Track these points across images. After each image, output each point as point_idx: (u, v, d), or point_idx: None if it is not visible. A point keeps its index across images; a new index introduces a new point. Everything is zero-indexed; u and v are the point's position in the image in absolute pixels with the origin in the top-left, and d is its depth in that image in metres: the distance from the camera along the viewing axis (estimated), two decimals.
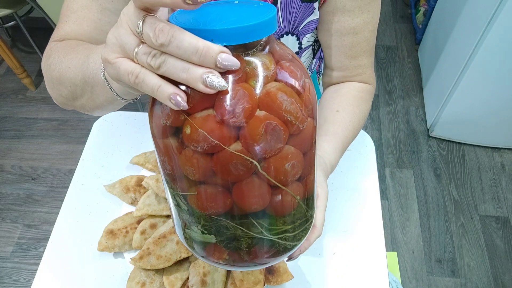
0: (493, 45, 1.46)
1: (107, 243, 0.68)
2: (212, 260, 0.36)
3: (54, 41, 0.57)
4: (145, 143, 0.84)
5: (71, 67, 0.48)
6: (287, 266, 0.66)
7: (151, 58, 0.28)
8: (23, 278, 1.58)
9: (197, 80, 0.27)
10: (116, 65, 0.31)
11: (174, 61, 0.28)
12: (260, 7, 0.30)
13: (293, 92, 0.30)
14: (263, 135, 0.28)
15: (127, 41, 0.29)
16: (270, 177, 0.31)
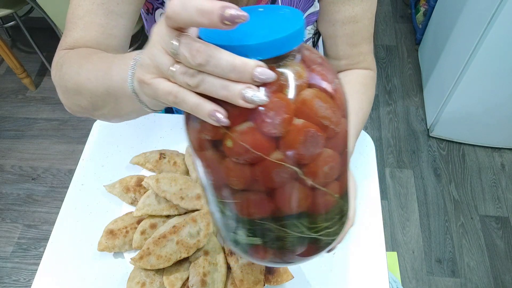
0: (493, 45, 1.46)
1: (107, 243, 0.68)
2: (258, 259, 0.38)
3: (63, 50, 0.56)
4: (145, 143, 0.84)
5: (91, 78, 0.47)
6: (287, 266, 0.66)
7: (189, 77, 0.28)
8: (23, 278, 1.59)
9: (237, 96, 0.27)
10: (153, 86, 0.31)
11: (212, 80, 0.28)
12: (286, 14, 0.31)
13: (327, 97, 0.30)
14: (303, 142, 0.29)
15: (162, 62, 0.29)
16: (310, 181, 0.32)
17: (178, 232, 0.66)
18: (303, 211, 0.33)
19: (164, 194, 0.70)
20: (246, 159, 0.29)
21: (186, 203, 0.69)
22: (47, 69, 2.28)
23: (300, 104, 0.29)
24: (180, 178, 0.72)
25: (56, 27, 1.67)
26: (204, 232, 0.66)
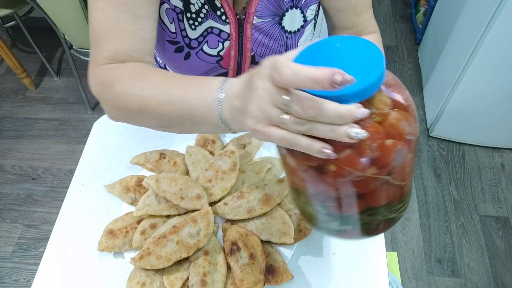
0: (493, 45, 1.46)
1: (107, 243, 0.68)
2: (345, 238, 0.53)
3: (103, 65, 0.56)
4: (145, 143, 0.84)
5: (162, 103, 0.48)
6: (287, 266, 0.66)
7: (299, 126, 0.34)
8: (23, 278, 1.59)
9: (343, 136, 0.32)
10: (266, 134, 0.36)
11: (321, 126, 0.33)
12: (365, 48, 0.35)
13: (407, 115, 0.36)
14: (393, 158, 0.35)
15: (273, 114, 0.35)
16: (397, 182, 0.39)
17: (178, 232, 0.66)
18: (388, 202, 0.41)
19: (164, 194, 0.70)
20: (347, 179, 0.35)
21: (186, 203, 0.69)
22: (47, 69, 2.28)
23: (388, 128, 0.35)
24: (180, 178, 0.72)
25: (56, 27, 1.67)
26: (204, 232, 0.66)
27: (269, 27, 0.65)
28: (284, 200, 0.73)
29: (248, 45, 0.66)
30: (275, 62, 0.33)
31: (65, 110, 2.13)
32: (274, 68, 0.33)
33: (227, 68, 0.68)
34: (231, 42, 0.65)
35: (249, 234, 0.68)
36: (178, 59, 0.67)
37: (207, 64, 0.67)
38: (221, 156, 0.76)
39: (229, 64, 0.68)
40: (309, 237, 0.70)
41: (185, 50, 0.65)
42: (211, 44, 0.65)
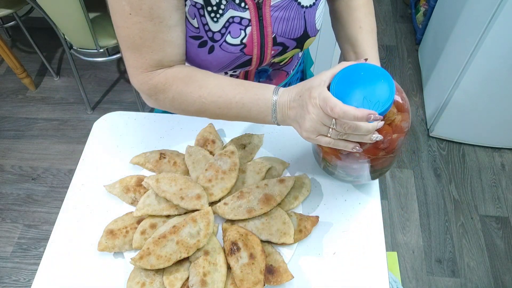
0: (493, 45, 1.46)
1: (107, 243, 0.68)
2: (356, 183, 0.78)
3: (151, 72, 0.65)
4: (145, 143, 0.84)
5: (221, 107, 0.63)
6: (287, 266, 0.66)
7: (341, 136, 0.55)
8: (23, 278, 1.59)
9: (367, 141, 0.54)
10: (317, 140, 0.57)
11: (354, 136, 0.54)
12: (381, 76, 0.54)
13: (406, 115, 0.60)
14: (397, 146, 0.61)
15: (322, 130, 0.55)
16: (394, 155, 0.64)
17: (178, 232, 0.66)
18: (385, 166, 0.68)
19: (164, 194, 0.70)
20: (365, 158, 0.63)
21: (186, 203, 0.69)
22: (47, 69, 2.28)
23: (395, 128, 0.59)
24: (180, 178, 0.72)
25: (56, 27, 1.67)
26: (204, 232, 0.66)
27: (286, 5, 0.67)
28: (284, 200, 0.73)
29: (269, 28, 0.68)
30: (327, 99, 0.51)
31: (65, 110, 2.13)
32: (326, 105, 0.51)
33: (250, 54, 0.70)
34: (252, 28, 0.67)
35: (249, 234, 0.68)
36: (201, 54, 0.68)
37: (231, 54, 0.68)
38: (221, 156, 0.76)
39: (253, 50, 0.69)
40: (309, 237, 0.70)
41: (209, 44, 0.67)
42: (234, 33, 0.67)
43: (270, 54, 0.72)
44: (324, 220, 0.73)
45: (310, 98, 0.53)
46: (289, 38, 0.71)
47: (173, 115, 0.88)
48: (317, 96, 0.52)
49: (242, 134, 0.83)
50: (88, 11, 1.55)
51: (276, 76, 0.83)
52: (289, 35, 0.70)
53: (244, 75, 0.78)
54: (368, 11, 0.78)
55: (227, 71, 0.73)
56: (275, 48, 0.71)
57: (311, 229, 0.70)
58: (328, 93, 0.52)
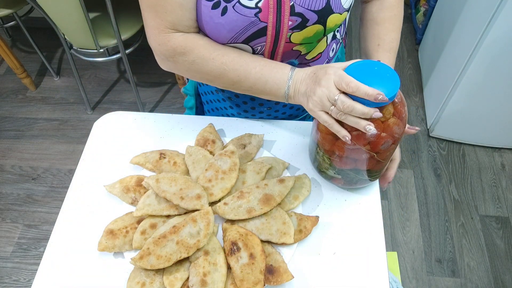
0: (493, 45, 1.46)
1: (107, 243, 0.68)
2: (334, 183, 0.77)
3: (169, 33, 0.68)
4: (145, 143, 0.84)
5: (240, 76, 0.68)
6: (287, 266, 0.66)
7: (339, 115, 0.59)
8: (23, 278, 1.59)
9: (362, 128, 0.58)
10: (318, 115, 0.62)
11: (351, 118, 0.58)
12: (390, 74, 0.59)
13: (400, 122, 0.62)
14: (382, 145, 0.62)
15: (326, 104, 0.60)
16: (379, 159, 0.66)
17: (178, 232, 0.66)
18: (368, 169, 0.69)
19: (164, 194, 0.70)
20: (355, 147, 0.63)
21: (186, 203, 0.69)
22: (47, 69, 2.28)
23: (386, 127, 0.61)
24: (180, 178, 0.72)
25: (56, 27, 1.67)
26: (204, 232, 0.66)
27: None
28: (284, 200, 0.73)
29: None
30: (343, 76, 0.57)
31: (65, 110, 2.13)
32: (342, 80, 0.57)
33: (266, 21, 0.66)
34: None
35: (249, 234, 0.68)
36: (215, 16, 0.65)
37: (245, 18, 0.65)
38: (221, 156, 0.76)
39: (268, 16, 0.65)
40: (309, 237, 0.71)
41: (222, 5, 0.64)
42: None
43: (288, 25, 0.66)
44: (324, 220, 0.73)
45: (326, 74, 0.59)
46: (309, 9, 0.65)
47: (173, 115, 0.88)
48: (333, 73, 0.58)
49: (242, 134, 0.83)
50: (88, 11, 1.55)
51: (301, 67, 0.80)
52: (309, 5, 0.65)
53: None
54: (392, 27, 0.77)
55: (242, 42, 0.69)
56: (293, 19, 0.66)
57: (311, 229, 0.70)
58: (344, 72, 0.58)
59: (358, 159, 0.67)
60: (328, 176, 0.75)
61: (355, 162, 0.68)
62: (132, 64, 2.26)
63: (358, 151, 0.64)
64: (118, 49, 1.78)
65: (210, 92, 0.90)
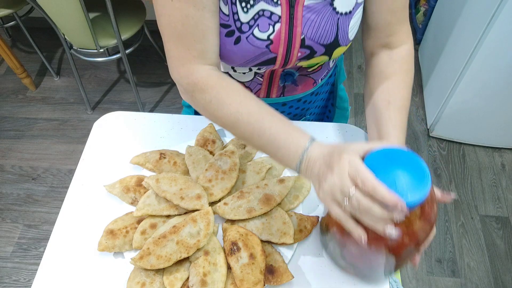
0: (493, 45, 1.46)
1: (107, 243, 0.68)
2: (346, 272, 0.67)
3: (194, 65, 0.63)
4: (145, 143, 0.84)
5: (253, 132, 0.60)
6: (287, 266, 0.66)
7: (354, 211, 0.48)
8: (23, 278, 1.59)
9: (381, 231, 0.47)
10: (329, 206, 0.51)
11: (367, 219, 0.47)
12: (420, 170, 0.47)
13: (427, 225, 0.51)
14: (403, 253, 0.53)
15: (338, 197, 0.49)
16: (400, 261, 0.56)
17: (178, 232, 0.66)
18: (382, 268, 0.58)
19: (164, 194, 0.70)
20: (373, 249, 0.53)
21: (186, 203, 0.69)
22: (47, 69, 2.28)
23: (410, 231, 0.50)
24: (180, 178, 0.72)
25: (56, 27, 1.67)
26: (204, 232, 0.66)
27: (321, 8, 0.65)
28: (284, 200, 0.73)
29: (299, 28, 0.65)
30: (359, 169, 0.47)
31: (65, 110, 2.13)
32: (359, 175, 0.46)
33: (276, 52, 0.68)
34: (281, 25, 0.65)
35: (249, 234, 0.68)
36: (228, 44, 0.66)
37: (256, 49, 0.66)
38: (221, 156, 0.76)
39: (279, 48, 0.67)
40: (309, 237, 0.70)
41: (236, 34, 0.65)
42: (262, 27, 0.65)
43: (296, 56, 0.69)
44: None
45: (340, 161, 0.49)
46: (318, 43, 0.68)
47: (173, 115, 0.88)
48: (348, 162, 0.48)
49: None
50: (88, 11, 1.55)
51: (302, 82, 0.80)
52: (319, 39, 0.67)
53: (269, 75, 0.76)
54: (403, 84, 0.69)
55: (251, 66, 0.71)
56: (302, 51, 0.68)
57: (311, 229, 0.70)
58: (361, 163, 0.48)
59: (374, 258, 0.56)
60: (337, 264, 0.66)
61: (370, 260, 0.58)
62: (132, 64, 2.26)
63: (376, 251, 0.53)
64: (118, 49, 1.78)
65: None
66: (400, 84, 0.69)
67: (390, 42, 0.71)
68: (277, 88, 0.80)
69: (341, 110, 0.97)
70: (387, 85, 0.69)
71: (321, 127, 0.86)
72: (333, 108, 0.98)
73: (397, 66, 0.71)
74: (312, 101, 0.89)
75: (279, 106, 0.85)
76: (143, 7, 1.85)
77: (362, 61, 2.28)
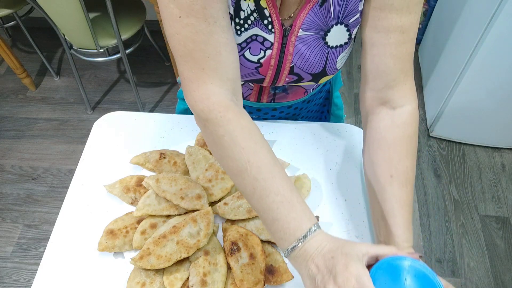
0: (493, 45, 1.46)
1: (107, 243, 0.68)
2: None
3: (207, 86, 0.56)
4: (145, 143, 0.84)
5: (255, 191, 0.54)
6: (287, 266, 0.66)
7: None
8: (23, 278, 1.59)
9: None
10: None
11: None
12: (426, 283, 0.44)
13: None
14: None
15: None
16: None
17: (178, 232, 0.66)
18: None
19: (164, 194, 0.70)
20: None
21: (186, 203, 0.69)
22: (47, 69, 2.28)
23: None
24: (180, 178, 0.72)
25: (56, 27, 1.67)
26: (204, 232, 0.66)
27: (313, 41, 0.65)
28: None
29: (289, 56, 0.66)
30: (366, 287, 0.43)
31: (65, 110, 2.13)
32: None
33: (264, 75, 0.69)
34: (273, 51, 0.65)
35: (249, 234, 0.68)
36: None
37: (246, 69, 0.67)
38: None
39: (267, 72, 0.68)
40: None
41: None
42: (253, 51, 0.65)
43: (284, 81, 0.71)
44: (324, 220, 0.73)
45: (346, 272, 0.44)
46: (306, 71, 0.68)
47: (173, 115, 0.88)
48: (355, 279, 0.44)
49: None
50: (88, 11, 1.55)
51: (293, 91, 0.80)
52: (307, 69, 0.68)
53: (259, 85, 0.77)
54: (406, 153, 0.61)
55: None
56: (290, 77, 0.69)
57: None
58: (367, 277, 0.44)
59: None
60: None
61: None
62: (132, 64, 2.26)
63: None
64: (118, 49, 1.77)
65: None
66: (403, 152, 0.61)
67: (392, 98, 0.63)
68: (267, 95, 0.80)
69: (336, 117, 0.97)
70: (389, 155, 0.61)
71: (321, 127, 0.86)
72: (328, 115, 0.98)
73: (400, 132, 0.62)
74: (304, 108, 0.89)
75: (270, 111, 0.86)
76: (143, 7, 1.85)
77: None
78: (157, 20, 1.63)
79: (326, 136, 0.85)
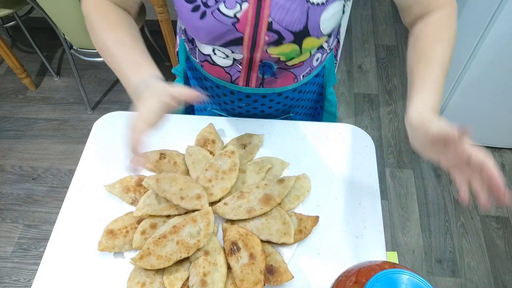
0: (493, 46, 1.46)
1: (107, 243, 0.68)
2: None
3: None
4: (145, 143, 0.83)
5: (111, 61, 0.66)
6: (287, 266, 0.66)
7: None
8: (23, 278, 1.59)
9: None
10: None
11: None
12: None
13: None
14: None
15: None
16: None
17: (178, 232, 0.66)
18: None
19: (164, 194, 0.70)
20: None
21: (186, 203, 0.69)
22: (47, 69, 2.28)
23: None
24: (180, 178, 0.72)
25: (56, 27, 1.67)
26: (204, 232, 0.66)
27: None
28: (284, 200, 0.73)
29: (266, 10, 0.65)
30: None
31: (65, 110, 2.13)
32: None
33: (242, 32, 0.67)
34: (249, 5, 0.64)
35: (249, 234, 0.68)
36: (194, 19, 0.67)
37: (222, 25, 0.66)
38: (221, 156, 0.76)
39: (245, 28, 0.67)
40: (309, 237, 0.70)
41: (201, 9, 0.65)
42: (228, 4, 0.64)
43: (264, 40, 0.68)
44: (324, 220, 0.73)
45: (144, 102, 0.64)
46: (286, 28, 0.66)
47: (173, 115, 0.88)
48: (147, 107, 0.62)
49: (242, 134, 0.83)
50: None
51: (281, 75, 0.79)
52: (287, 25, 0.66)
53: (248, 63, 0.75)
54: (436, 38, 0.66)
55: (218, 45, 0.70)
56: (270, 35, 0.67)
57: (311, 229, 0.70)
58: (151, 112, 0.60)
59: None
60: None
61: None
62: None
63: None
64: None
65: (197, 78, 0.89)
66: (431, 41, 0.66)
67: (428, 11, 0.69)
68: (256, 78, 0.79)
69: (329, 114, 0.97)
70: (420, 45, 0.67)
71: (321, 127, 0.86)
72: (322, 111, 0.98)
73: (431, 26, 0.67)
74: (295, 98, 0.87)
75: (259, 98, 0.84)
76: (143, 7, 1.85)
77: (362, 61, 2.28)
78: (157, 20, 1.63)
79: (326, 136, 0.85)
